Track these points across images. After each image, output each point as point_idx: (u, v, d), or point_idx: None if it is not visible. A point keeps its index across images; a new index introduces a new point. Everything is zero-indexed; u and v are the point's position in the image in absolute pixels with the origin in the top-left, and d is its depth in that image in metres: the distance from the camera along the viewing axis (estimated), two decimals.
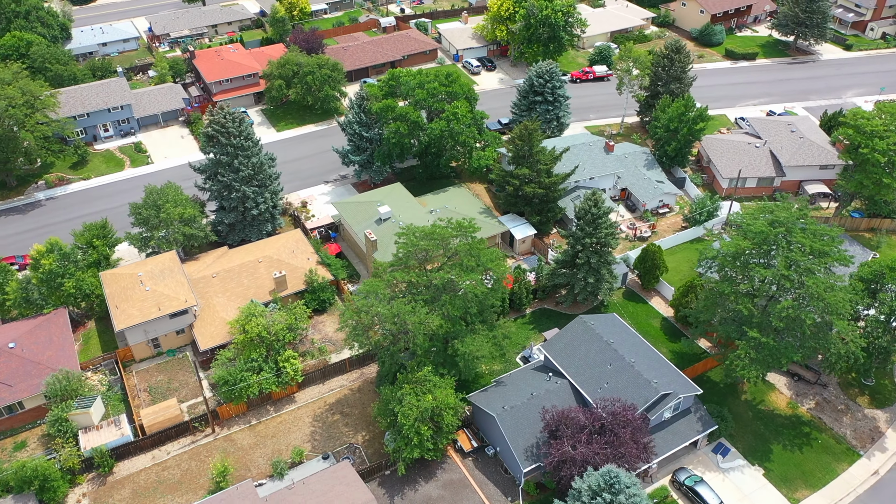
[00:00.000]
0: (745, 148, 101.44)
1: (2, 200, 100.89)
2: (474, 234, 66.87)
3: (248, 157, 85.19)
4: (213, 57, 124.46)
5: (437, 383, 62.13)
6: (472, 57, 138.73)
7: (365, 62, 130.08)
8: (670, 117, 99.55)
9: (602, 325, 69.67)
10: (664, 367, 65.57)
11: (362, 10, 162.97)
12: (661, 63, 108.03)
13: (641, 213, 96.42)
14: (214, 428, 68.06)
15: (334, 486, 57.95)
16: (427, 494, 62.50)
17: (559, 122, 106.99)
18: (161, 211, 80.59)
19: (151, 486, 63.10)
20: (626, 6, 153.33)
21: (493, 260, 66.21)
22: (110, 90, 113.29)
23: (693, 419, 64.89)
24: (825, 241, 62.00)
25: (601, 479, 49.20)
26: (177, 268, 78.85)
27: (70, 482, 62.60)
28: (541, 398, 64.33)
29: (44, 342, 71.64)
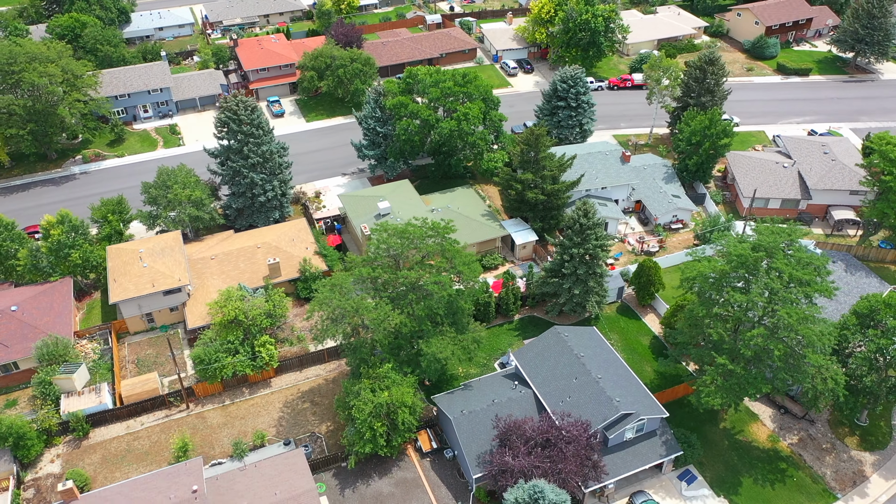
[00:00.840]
0: (772, 167, 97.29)
1: (41, 172, 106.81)
2: (449, 235, 66.60)
3: (258, 145, 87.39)
4: (254, 46, 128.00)
5: (396, 381, 62.42)
6: (511, 58, 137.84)
7: (402, 58, 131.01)
8: (693, 130, 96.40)
9: (577, 337, 68.37)
10: (632, 387, 63.85)
11: (412, 6, 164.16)
12: (693, 74, 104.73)
13: (653, 227, 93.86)
14: (189, 404, 70.38)
15: (282, 472, 59.08)
16: (378, 490, 62.92)
17: (582, 129, 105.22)
18: (169, 191, 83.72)
19: (120, 454, 65.83)
20: (678, 14, 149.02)
21: (467, 263, 65.92)
22: (152, 73, 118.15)
23: (658, 442, 62.93)
24: (808, 270, 58.95)
25: (527, 492, 48.46)
26: (178, 247, 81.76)
27: (46, 442, 65.94)
28: (501, 405, 63.74)
29: (44, 308, 75.63)
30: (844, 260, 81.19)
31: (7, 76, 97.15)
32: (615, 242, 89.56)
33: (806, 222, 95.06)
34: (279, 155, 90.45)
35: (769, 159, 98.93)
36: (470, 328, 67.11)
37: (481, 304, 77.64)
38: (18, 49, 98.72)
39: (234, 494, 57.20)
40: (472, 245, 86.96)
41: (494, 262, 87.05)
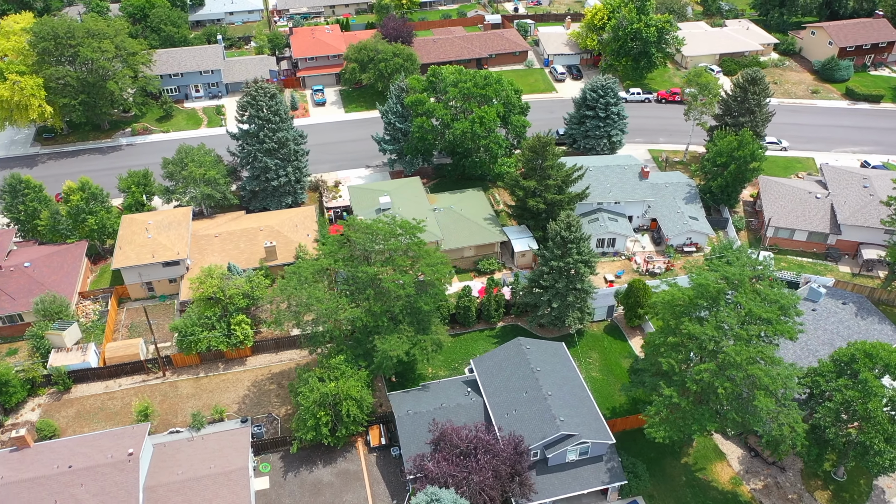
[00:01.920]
0: (803, 197, 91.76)
1: (92, 140, 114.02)
2: (418, 234, 66.72)
3: (273, 131, 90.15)
4: (306, 35, 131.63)
5: (345, 372, 63.33)
6: (563, 63, 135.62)
7: (450, 56, 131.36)
8: (719, 151, 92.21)
9: (539, 352, 67.12)
10: (583, 408, 62.15)
11: (476, 5, 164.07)
12: (733, 93, 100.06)
13: (665, 248, 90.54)
14: (165, 372, 73.78)
15: (224, 448, 61.16)
16: (319, 478, 64.06)
17: (610, 141, 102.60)
18: (185, 169, 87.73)
19: (94, 411, 69.87)
20: (747, 28, 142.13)
21: (434, 265, 65.87)
22: (205, 55, 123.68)
23: (602, 468, 61.00)
24: (771, 308, 55.49)
25: (426, 499, 48.30)
26: (185, 222, 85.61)
27: (30, 392, 70.77)
28: (448, 410, 63.54)
29: (55, 267, 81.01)
30: (858, 303, 75.62)
31: (65, 49, 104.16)
32: (600, 259, 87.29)
33: (833, 258, 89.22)
34: (295, 143, 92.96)
35: (802, 188, 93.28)
36: (432, 330, 67.07)
37: (461, 308, 77.45)
38: (77, 24, 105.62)
39: (174, 462, 59.69)
40: (470, 248, 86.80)
41: (491, 268, 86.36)
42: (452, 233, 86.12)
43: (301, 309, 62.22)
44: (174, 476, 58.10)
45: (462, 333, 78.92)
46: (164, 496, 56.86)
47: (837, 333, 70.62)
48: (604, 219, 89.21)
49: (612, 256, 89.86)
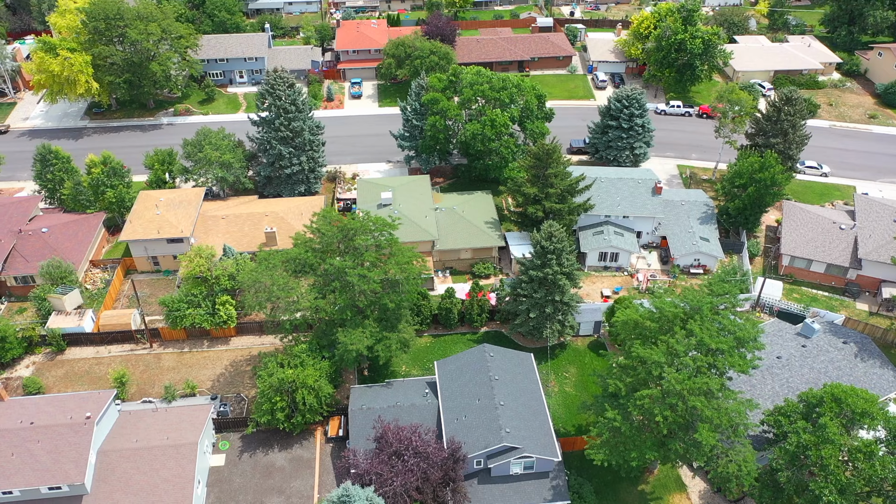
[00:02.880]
0: (826, 226, 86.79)
1: (137, 118, 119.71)
2: (392, 232, 67.02)
3: (289, 120, 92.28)
4: (351, 28, 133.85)
5: (305, 361, 64.45)
6: (607, 71, 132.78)
7: (491, 57, 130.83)
8: (738, 171, 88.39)
9: (502, 360, 66.32)
10: (535, 423, 61.04)
11: (534, 7, 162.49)
12: (767, 112, 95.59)
13: (670, 268, 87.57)
14: (152, 344, 76.95)
15: (182, 422, 63.37)
16: (272, 461, 65.47)
17: (633, 153, 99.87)
18: (201, 151, 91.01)
19: (80, 374, 73.65)
20: (809, 45, 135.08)
21: (405, 263, 66.05)
22: (251, 43, 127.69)
23: (546, 485, 59.77)
24: (724, 340, 52.87)
25: (338, 494, 48.72)
26: (195, 202, 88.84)
27: (27, 350, 75.21)
28: (401, 409, 63.71)
29: (70, 235, 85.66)
30: (861, 343, 70.99)
31: (114, 30, 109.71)
32: (588, 274, 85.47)
33: (852, 294, 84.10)
34: (311, 133, 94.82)
35: (827, 217, 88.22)
36: (399, 329, 67.31)
37: (443, 309, 77.38)
38: (128, 7, 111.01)
39: (134, 430, 62.27)
40: (467, 250, 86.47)
41: (486, 272, 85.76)
42: (450, 234, 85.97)
43: (262, 295, 63.63)
44: (129, 443, 60.65)
45: (443, 335, 78.84)
46: (115, 461, 59.45)
47: (825, 373, 66.59)
48: (609, 232, 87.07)
49: (613, 271, 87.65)
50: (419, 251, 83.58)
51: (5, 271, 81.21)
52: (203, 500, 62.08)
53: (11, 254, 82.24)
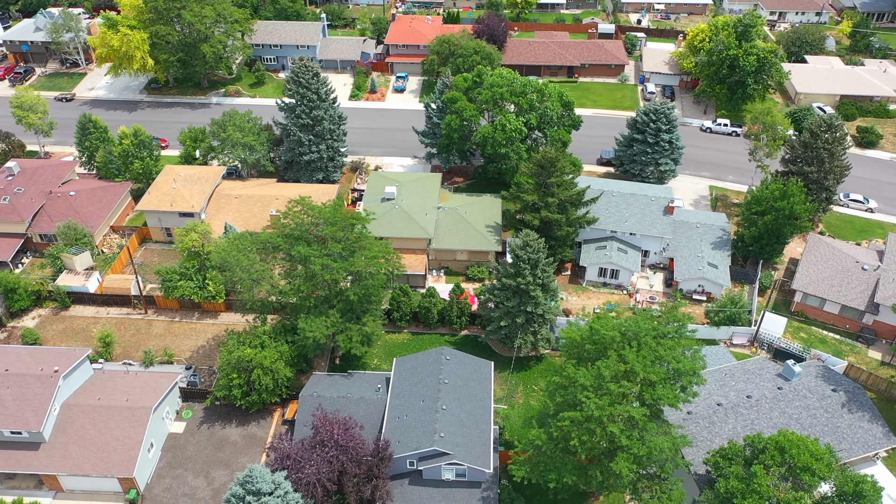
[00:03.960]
0: (848, 265, 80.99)
1: (189, 96, 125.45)
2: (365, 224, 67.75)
3: (310, 108, 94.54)
4: (405, 23, 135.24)
5: (266, 343, 66.24)
6: (660, 83, 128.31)
7: (539, 61, 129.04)
8: (756, 198, 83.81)
9: (458, 364, 65.83)
10: (475, 431, 60.32)
11: (601, 13, 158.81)
12: (802, 138, 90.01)
13: (672, 291, 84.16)
14: (147, 310, 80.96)
15: (146, 386, 66.52)
16: (227, 435, 67.69)
17: (658, 169, 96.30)
18: (225, 131, 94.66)
19: (76, 331, 78.44)
20: (885, 71, 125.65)
21: (372, 258, 66.61)
22: (304, 31, 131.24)
23: (477, 494, 58.99)
24: (656, 370, 50.41)
25: (242, 475, 49.99)
26: (212, 180, 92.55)
27: (36, 303, 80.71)
28: (350, 401, 64.47)
29: (94, 201, 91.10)
30: (853, 394, 65.88)
31: (171, 10, 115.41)
32: (582, 288, 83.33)
33: (866, 340, 78.28)
34: (331, 122, 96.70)
35: (852, 255, 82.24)
36: (364, 321, 67.98)
37: (422, 308, 77.51)
38: None
39: (101, 389, 65.78)
40: (463, 252, 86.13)
41: (480, 275, 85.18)
42: (448, 234, 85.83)
43: (227, 274, 65.71)
44: (92, 400, 64.22)
45: (422, 334, 78.97)
46: (76, 415, 63.13)
47: (797, 420, 62.36)
48: (612, 248, 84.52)
49: (612, 288, 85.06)
50: (414, 248, 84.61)
51: (32, 228, 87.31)
52: (154, 462, 65.05)
53: (39, 213, 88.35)
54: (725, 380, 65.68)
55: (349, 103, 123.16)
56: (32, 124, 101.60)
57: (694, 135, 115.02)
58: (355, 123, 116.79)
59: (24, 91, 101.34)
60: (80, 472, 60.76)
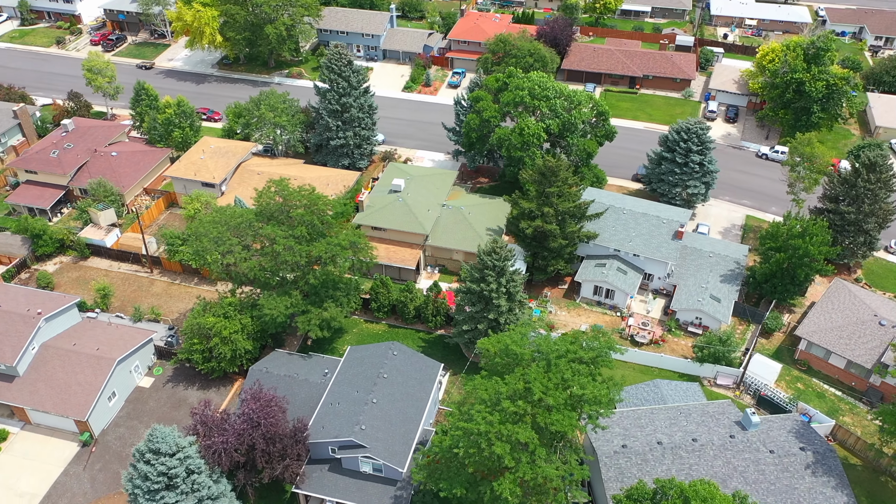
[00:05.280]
0: (865, 317, 74.05)
1: (254, 74, 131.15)
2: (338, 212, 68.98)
3: (340, 95, 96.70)
4: (471, 19, 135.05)
5: (228, 314, 68.93)
6: (726, 102, 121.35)
7: (601, 68, 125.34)
8: (771, 233, 78.04)
9: (403, 362, 65.78)
10: (400, 429, 60.21)
11: (687, 24, 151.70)
12: (844, 175, 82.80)
13: (667, 319, 79.99)
14: (152, 270, 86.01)
15: (120, 339, 70.84)
16: (185, 396, 71.02)
17: (686, 192, 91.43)
18: (258, 109, 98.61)
19: (86, 280, 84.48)
20: None
21: (332, 245, 67.66)
22: (371, 20, 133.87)
23: (390, 491, 58.92)
24: (556, 394, 48.22)
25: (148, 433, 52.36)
26: (239, 154, 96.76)
27: (60, 250, 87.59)
28: (295, 381, 66.04)
29: (132, 162, 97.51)
30: (824, 458, 59.70)
31: None
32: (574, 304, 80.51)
33: (870, 402, 71.36)
34: (360, 110, 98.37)
35: (872, 307, 75.01)
36: (326, 306, 69.23)
37: (398, 302, 77.88)
38: None
39: (81, 336, 70.60)
40: (458, 251, 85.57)
41: None
42: (446, 232, 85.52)
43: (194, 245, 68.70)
44: (68, 345, 69.21)
45: (399, 328, 79.30)
46: (51, 357, 68.27)
47: (742, 473, 57.76)
48: (611, 267, 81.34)
49: (606, 308, 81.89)
50: (410, 242, 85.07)
51: (73, 182, 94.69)
52: (115, 411, 69.32)
53: (83, 168, 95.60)
54: (678, 419, 61.82)
55: (401, 94, 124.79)
56: (100, 87, 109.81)
57: (747, 160, 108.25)
58: (401, 114, 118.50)
59: (95, 56, 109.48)
60: (42, 408, 65.76)
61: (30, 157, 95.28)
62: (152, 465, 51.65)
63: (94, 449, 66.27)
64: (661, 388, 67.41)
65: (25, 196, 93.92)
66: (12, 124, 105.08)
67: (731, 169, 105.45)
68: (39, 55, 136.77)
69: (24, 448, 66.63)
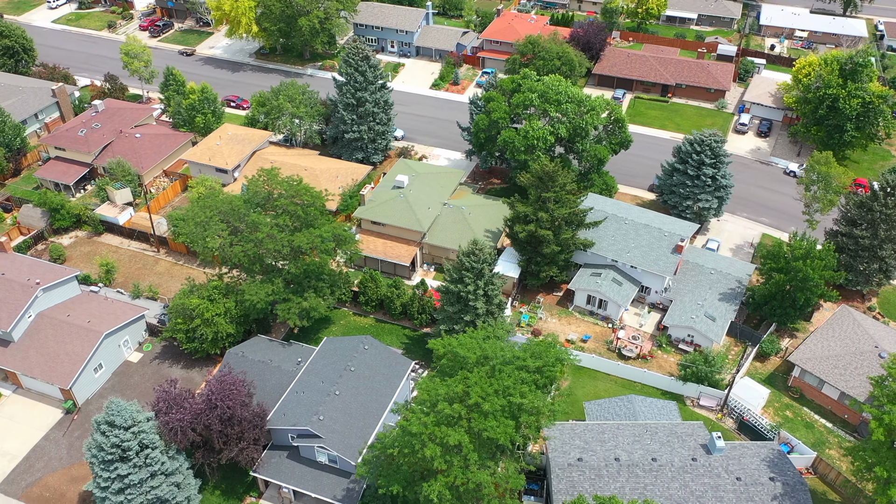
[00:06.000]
0: (866, 348, 70.61)
1: (288, 64, 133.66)
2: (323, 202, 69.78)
3: (356, 89, 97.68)
4: (506, 20, 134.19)
5: (213, 297, 70.64)
6: (760, 115, 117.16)
7: (632, 75, 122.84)
8: (771, 253, 75.10)
9: (371, 356, 66.13)
10: (360, 423, 60.58)
11: (734, 33, 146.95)
12: (861, 198, 78.95)
13: (658, 335, 77.98)
14: (159, 249, 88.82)
15: (112, 314, 73.41)
16: (169, 373, 73.04)
17: (696, 206, 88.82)
18: (276, 99, 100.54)
19: (96, 253, 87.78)
20: None
21: (313, 236, 68.48)
22: (406, 16, 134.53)
23: (344, 484, 59.45)
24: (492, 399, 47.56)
25: (107, 403, 54.19)
26: (255, 142, 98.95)
27: (76, 224, 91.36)
28: (267, 367, 67.27)
29: (154, 145, 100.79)
30: (793, 488, 57.50)
31: None
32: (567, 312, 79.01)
33: (862, 436, 67.92)
34: (375, 105, 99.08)
35: (875, 338, 71.38)
36: (306, 296, 70.19)
37: (385, 297, 78.30)
38: None
39: (77, 308, 73.49)
40: (454, 251, 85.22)
41: None
42: (444, 231, 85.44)
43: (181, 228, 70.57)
44: (62, 315, 72.19)
45: (385, 322, 79.73)
46: (45, 325, 71.32)
47: (697, 497, 55.80)
48: (606, 277, 79.77)
49: (598, 319, 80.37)
50: (407, 238, 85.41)
51: (97, 160, 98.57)
52: (101, 382, 71.96)
53: (107, 148, 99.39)
54: (642, 436, 60.24)
55: (428, 91, 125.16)
56: (135, 71, 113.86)
57: (773, 176, 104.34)
58: (424, 111, 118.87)
59: (132, 40, 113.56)
60: (31, 374, 68.84)
61: (59, 135, 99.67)
62: (107, 437, 53.44)
63: (77, 417, 68.96)
64: (635, 403, 65.75)
65: (53, 171, 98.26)
66: (50, 102, 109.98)
67: (755, 185, 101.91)
68: (91, 38, 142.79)
69: (12, 410, 69.92)
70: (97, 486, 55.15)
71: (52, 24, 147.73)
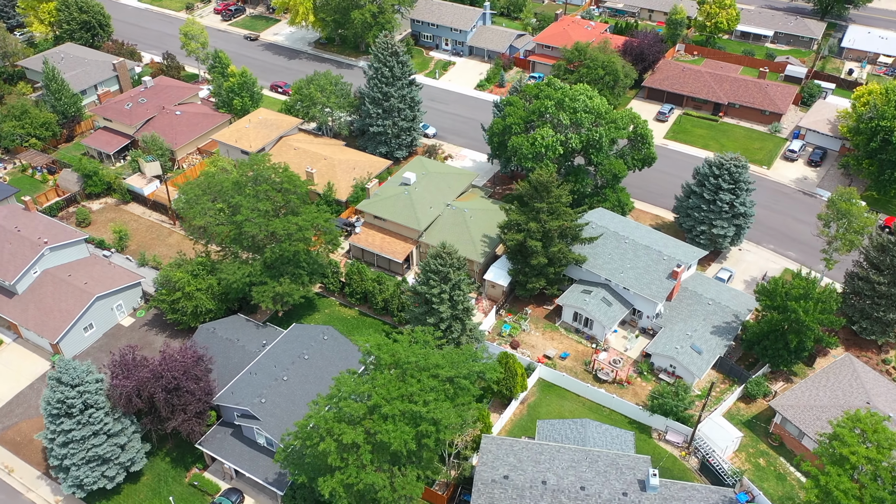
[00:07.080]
0: (856, 402, 65.27)
1: (342, 55, 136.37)
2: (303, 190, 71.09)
3: (383, 84, 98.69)
4: (563, 24, 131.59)
5: (196, 272, 73.44)
6: (817, 142, 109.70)
7: (684, 90, 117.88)
8: (770, 290, 70.42)
9: (329, 347, 67.09)
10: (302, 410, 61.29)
11: (812, 53, 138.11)
12: (881, 242, 72.84)
13: (640, 360, 74.86)
14: (175, 222, 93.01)
15: (110, 278, 77.54)
16: (153, 340, 76.33)
17: (711, 233, 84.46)
18: (307, 89, 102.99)
19: (119, 221, 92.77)
20: None
21: (291, 224, 69.87)
22: (461, 15, 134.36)
23: (276, 467, 60.56)
24: (396, 404, 47.12)
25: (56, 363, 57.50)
26: (283, 128, 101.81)
27: (107, 192, 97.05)
28: (233, 346, 69.43)
29: (192, 123, 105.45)
30: None
31: None
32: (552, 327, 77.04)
33: None
34: (400, 101, 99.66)
35: (870, 393, 65.77)
36: (281, 281, 71.78)
37: (368, 291, 78.92)
38: None
39: (80, 268, 78.10)
40: None
41: None
42: (441, 232, 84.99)
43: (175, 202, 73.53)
44: (64, 275, 76.93)
45: (367, 316, 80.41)
46: (47, 282, 76.21)
47: None
48: (595, 296, 77.30)
49: (583, 337, 77.97)
50: (405, 235, 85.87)
51: (137, 133, 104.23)
52: (90, 341, 76.25)
53: (148, 122, 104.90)
54: (580, 462, 58.01)
55: (472, 92, 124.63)
56: (192, 51, 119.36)
57: (813, 209, 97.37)
58: (461, 111, 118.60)
59: (191, 22, 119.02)
60: (26, 326, 73.87)
61: (107, 106, 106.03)
62: (54, 392, 56.75)
63: None
64: (588, 429, 63.44)
65: (98, 140, 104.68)
66: (111, 76, 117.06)
67: (790, 216, 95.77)
68: (168, 18, 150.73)
69: (9, 357, 75.29)
70: (45, 437, 58.67)
71: (137, 2, 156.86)
